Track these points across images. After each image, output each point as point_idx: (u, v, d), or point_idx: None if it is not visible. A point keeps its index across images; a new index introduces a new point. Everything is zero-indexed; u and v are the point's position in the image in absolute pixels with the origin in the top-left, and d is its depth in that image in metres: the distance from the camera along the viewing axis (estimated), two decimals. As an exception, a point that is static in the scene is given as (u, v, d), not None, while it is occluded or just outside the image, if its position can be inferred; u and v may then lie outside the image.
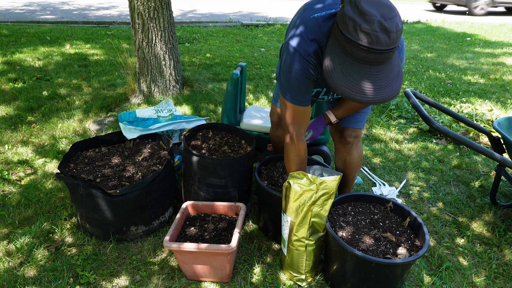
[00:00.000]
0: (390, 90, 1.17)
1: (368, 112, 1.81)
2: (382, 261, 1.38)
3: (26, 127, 2.98)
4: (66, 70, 4.47)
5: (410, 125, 3.39)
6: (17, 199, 2.14)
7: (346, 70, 1.18)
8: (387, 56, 1.14)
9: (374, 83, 1.16)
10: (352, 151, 1.84)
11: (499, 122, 2.09)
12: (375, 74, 1.16)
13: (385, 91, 1.17)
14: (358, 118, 1.78)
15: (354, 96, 1.18)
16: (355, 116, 1.78)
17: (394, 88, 1.18)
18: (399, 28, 1.11)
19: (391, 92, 1.17)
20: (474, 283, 1.72)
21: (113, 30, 7.11)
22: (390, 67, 1.18)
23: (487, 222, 2.13)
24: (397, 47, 1.15)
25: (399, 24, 1.12)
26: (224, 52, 5.83)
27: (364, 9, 1.11)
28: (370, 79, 1.16)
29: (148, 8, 3.24)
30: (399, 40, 1.13)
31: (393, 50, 1.13)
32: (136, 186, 1.76)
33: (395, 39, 1.11)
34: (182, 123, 2.33)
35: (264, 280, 1.68)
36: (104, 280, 1.64)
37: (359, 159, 1.88)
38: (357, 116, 1.78)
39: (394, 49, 1.14)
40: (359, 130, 1.81)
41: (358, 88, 1.17)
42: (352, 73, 1.17)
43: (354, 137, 1.80)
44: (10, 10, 9.28)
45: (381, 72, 1.16)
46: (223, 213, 1.89)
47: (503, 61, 5.96)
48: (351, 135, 1.80)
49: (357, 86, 1.17)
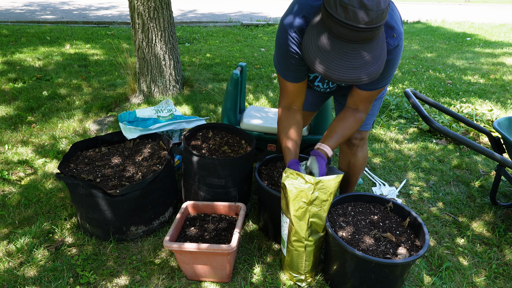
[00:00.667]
0: (364, 72, 1.13)
1: (375, 114, 1.78)
2: (382, 261, 1.38)
3: (26, 127, 2.98)
4: (66, 70, 4.47)
5: (410, 125, 3.39)
6: (17, 199, 2.14)
7: (322, 44, 1.14)
8: (366, 36, 1.09)
9: (348, 61, 1.12)
10: (358, 153, 1.82)
11: (499, 122, 2.09)
12: (351, 52, 1.11)
13: (358, 72, 1.12)
14: (365, 121, 1.74)
15: (323, 71, 1.14)
16: None
17: (369, 71, 1.13)
18: (381, 7, 1.06)
19: (365, 74, 1.13)
20: (474, 283, 1.72)
21: (113, 30, 7.11)
22: (370, 48, 1.12)
23: (487, 222, 2.13)
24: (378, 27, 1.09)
25: (381, 3, 1.06)
26: (224, 52, 5.83)
27: None
28: (344, 57, 1.12)
29: (148, 8, 3.24)
30: (380, 21, 1.08)
31: (372, 30, 1.08)
32: (136, 186, 1.76)
33: (374, 18, 1.06)
34: (182, 123, 2.33)
35: (264, 280, 1.68)
36: (104, 280, 1.64)
37: (364, 161, 1.86)
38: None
39: (374, 29, 1.09)
40: (365, 132, 1.78)
41: (330, 63, 1.13)
42: (327, 47, 1.13)
43: (360, 139, 1.78)
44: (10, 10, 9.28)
45: (358, 52, 1.11)
46: (223, 213, 1.89)
47: (503, 61, 5.96)
48: (356, 137, 1.78)
49: (329, 61, 1.13)
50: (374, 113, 1.78)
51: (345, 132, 1.55)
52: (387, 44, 1.28)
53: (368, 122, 1.77)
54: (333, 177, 1.47)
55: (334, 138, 1.54)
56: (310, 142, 2.42)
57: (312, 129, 2.42)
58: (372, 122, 1.80)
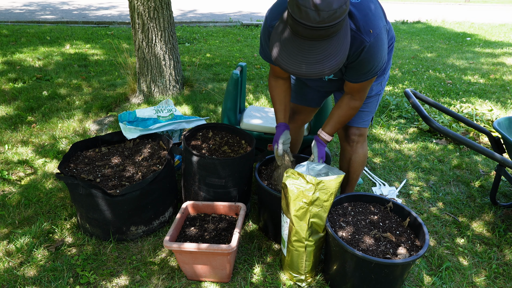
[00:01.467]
0: (320, 67, 1.21)
1: (372, 111, 1.82)
2: (382, 261, 1.38)
3: (26, 127, 2.98)
4: (66, 70, 4.47)
5: (410, 125, 3.39)
6: (17, 199, 2.14)
7: (283, 40, 1.24)
8: (319, 34, 1.17)
9: (305, 57, 1.21)
10: (358, 149, 1.87)
11: (499, 122, 2.09)
12: (307, 49, 1.20)
13: (314, 67, 1.21)
14: (362, 117, 1.80)
15: (282, 65, 1.24)
16: (360, 115, 1.80)
17: (326, 66, 1.21)
18: (332, 7, 1.12)
19: (320, 69, 1.21)
20: (474, 283, 1.72)
21: (113, 30, 7.11)
22: (326, 45, 1.20)
23: (487, 222, 2.13)
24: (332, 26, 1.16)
25: (333, 4, 1.13)
26: (224, 52, 5.83)
27: None
28: (302, 53, 1.21)
29: (148, 8, 3.24)
30: (333, 20, 1.14)
31: (325, 28, 1.15)
32: (136, 186, 1.76)
33: (325, 18, 1.13)
34: (182, 123, 2.33)
35: (264, 280, 1.68)
36: (104, 280, 1.64)
37: (364, 158, 1.90)
38: (361, 115, 1.80)
39: (328, 28, 1.15)
40: (363, 128, 1.83)
41: (288, 58, 1.23)
42: (287, 44, 1.23)
43: (359, 135, 1.83)
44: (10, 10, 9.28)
45: (314, 48, 1.20)
46: (223, 213, 1.89)
47: (503, 61, 5.97)
48: (355, 133, 1.83)
49: (288, 56, 1.23)
50: (372, 110, 1.81)
51: (340, 118, 1.68)
52: (363, 40, 1.34)
53: (365, 119, 1.81)
54: (333, 177, 1.47)
55: (331, 124, 1.70)
56: (310, 142, 2.42)
57: (312, 129, 2.42)
58: (370, 119, 1.84)
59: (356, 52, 1.38)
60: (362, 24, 1.34)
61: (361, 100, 1.63)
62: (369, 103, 1.79)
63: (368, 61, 1.41)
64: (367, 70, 1.45)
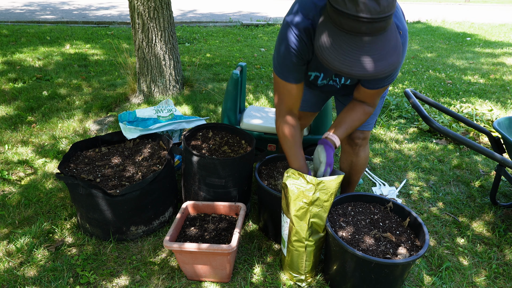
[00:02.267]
0: (385, 64, 1.08)
1: (377, 113, 1.78)
2: (382, 261, 1.38)
3: (26, 127, 2.98)
4: (66, 70, 4.47)
5: (410, 125, 3.39)
6: (17, 199, 2.14)
7: (336, 42, 1.10)
8: (380, 26, 1.05)
9: (366, 56, 1.07)
10: (360, 152, 1.82)
11: (499, 122, 2.09)
12: (368, 46, 1.07)
13: (379, 64, 1.08)
14: (368, 120, 1.75)
15: (345, 70, 1.10)
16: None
17: (390, 62, 1.09)
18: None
19: (386, 66, 1.08)
20: (474, 283, 1.72)
21: (113, 30, 7.11)
22: (386, 39, 1.08)
23: (487, 222, 2.13)
24: (390, 16, 1.05)
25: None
26: (224, 52, 5.83)
27: None
28: (362, 51, 1.07)
29: (148, 8, 3.24)
30: (392, 9, 1.04)
31: (385, 19, 1.04)
32: (136, 186, 1.76)
33: (385, 7, 1.02)
34: (182, 123, 2.33)
35: (264, 280, 1.68)
36: (104, 280, 1.64)
37: (365, 160, 1.87)
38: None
39: (387, 18, 1.05)
40: (367, 132, 1.78)
41: (349, 60, 1.09)
42: (342, 45, 1.09)
43: (363, 138, 1.79)
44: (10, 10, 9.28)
45: (374, 44, 1.07)
46: (223, 213, 1.89)
47: (503, 61, 5.97)
48: (359, 137, 1.78)
49: (348, 58, 1.09)
50: (376, 112, 1.78)
51: (353, 123, 1.54)
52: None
53: (370, 122, 1.77)
54: (334, 177, 1.47)
55: (343, 128, 1.52)
56: (310, 142, 2.42)
57: (312, 129, 2.42)
58: (374, 122, 1.80)
59: None
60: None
61: (374, 106, 1.56)
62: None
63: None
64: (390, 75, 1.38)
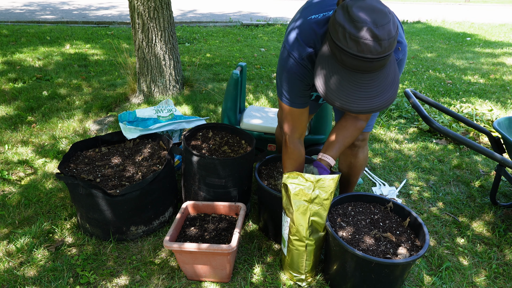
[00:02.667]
0: (382, 100, 1.12)
1: (376, 114, 1.77)
2: (382, 261, 1.38)
3: (26, 127, 2.98)
4: (66, 70, 4.47)
5: (410, 125, 3.39)
6: (17, 199, 2.14)
7: (336, 78, 1.12)
8: (380, 64, 1.08)
9: (365, 92, 1.11)
10: (358, 154, 1.83)
11: (499, 122, 2.09)
12: (366, 82, 1.10)
13: (377, 100, 1.12)
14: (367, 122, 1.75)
15: (343, 106, 1.13)
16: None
17: (387, 97, 1.12)
18: (392, 35, 1.06)
19: (384, 101, 1.12)
20: (474, 283, 1.72)
21: (113, 30, 7.11)
22: (384, 75, 1.12)
23: (487, 222, 2.13)
24: (391, 53, 1.09)
25: (392, 31, 1.05)
26: (224, 52, 5.83)
27: (355, 15, 1.05)
28: (361, 88, 1.11)
29: (148, 8, 3.24)
30: (392, 48, 1.08)
31: (386, 58, 1.08)
32: (136, 186, 1.76)
33: (386, 47, 1.06)
34: (182, 123, 2.33)
35: (264, 280, 1.68)
36: (104, 280, 1.64)
37: (364, 161, 1.87)
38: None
39: (387, 57, 1.08)
40: (366, 133, 1.78)
41: (348, 97, 1.12)
42: (342, 81, 1.12)
43: (362, 140, 1.79)
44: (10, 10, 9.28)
45: (374, 81, 1.11)
46: (223, 213, 1.89)
47: (503, 61, 5.97)
48: (358, 139, 1.78)
49: (347, 94, 1.12)
50: (376, 114, 1.78)
51: (346, 140, 1.54)
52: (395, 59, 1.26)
53: (370, 123, 1.76)
54: (332, 176, 1.47)
55: (336, 148, 1.54)
56: (310, 142, 2.42)
57: (312, 129, 2.42)
58: (373, 123, 1.80)
59: None
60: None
61: (366, 119, 1.55)
62: None
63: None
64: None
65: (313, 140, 2.42)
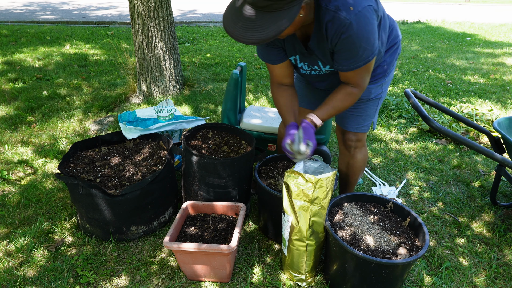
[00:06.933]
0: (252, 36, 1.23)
1: (371, 115, 1.77)
2: (382, 261, 1.38)
3: (26, 127, 2.98)
4: (66, 70, 4.47)
5: (410, 125, 3.39)
6: (17, 199, 2.14)
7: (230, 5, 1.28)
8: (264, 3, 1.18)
9: (242, 22, 1.23)
10: (356, 154, 1.83)
11: (499, 122, 2.09)
12: (247, 14, 1.22)
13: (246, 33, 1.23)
14: (360, 122, 1.76)
15: (223, 25, 1.28)
16: (357, 120, 1.75)
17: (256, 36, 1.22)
18: None
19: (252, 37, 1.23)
20: (474, 283, 1.72)
21: (113, 30, 7.12)
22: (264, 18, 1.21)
23: (487, 222, 2.13)
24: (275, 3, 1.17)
25: None
26: (224, 52, 5.83)
27: None
28: (239, 17, 1.23)
29: (148, 8, 3.24)
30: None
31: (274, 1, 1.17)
32: (136, 186, 1.76)
33: None
34: (182, 123, 2.33)
35: (264, 280, 1.68)
36: (104, 280, 1.64)
37: (362, 162, 1.87)
38: (358, 120, 1.75)
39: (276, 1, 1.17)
40: (361, 134, 1.78)
41: (228, 21, 1.26)
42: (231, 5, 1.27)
43: (356, 140, 1.79)
44: (10, 10, 9.28)
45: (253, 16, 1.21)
46: (223, 213, 1.89)
47: (503, 61, 5.97)
48: (351, 139, 1.79)
49: (230, 17, 1.26)
50: (370, 114, 1.76)
51: (336, 103, 1.55)
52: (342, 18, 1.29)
53: (363, 124, 1.76)
54: (328, 174, 1.47)
55: (324, 109, 1.57)
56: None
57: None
58: (369, 124, 1.79)
59: (337, 32, 1.32)
60: (341, 3, 1.29)
61: (359, 87, 1.51)
62: (366, 107, 1.73)
63: (352, 42, 1.33)
64: (354, 53, 1.37)
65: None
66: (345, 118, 1.79)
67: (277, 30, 1.22)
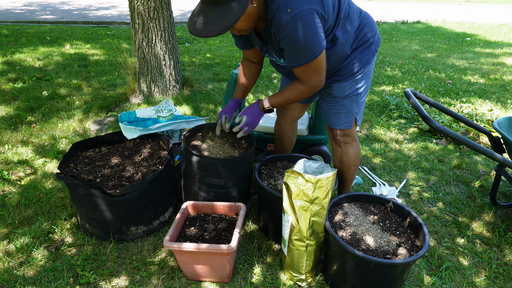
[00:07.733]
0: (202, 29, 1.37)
1: (352, 112, 1.79)
2: (382, 261, 1.38)
3: (26, 127, 2.98)
4: (66, 70, 4.47)
5: (410, 125, 3.39)
6: (17, 199, 2.14)
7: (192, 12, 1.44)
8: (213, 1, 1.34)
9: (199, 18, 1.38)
10: (348, 150, 1.87)
11: (499, 122, 2.09)
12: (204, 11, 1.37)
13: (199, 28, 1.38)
14: (342, 118, 1.80)
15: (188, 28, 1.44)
16: (338, 116, 1.80)
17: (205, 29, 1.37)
18: None
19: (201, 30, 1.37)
20: (474, 283, 1.71)
21: (113, 30, 7.12)
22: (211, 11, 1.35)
23: (487, 222, 2.13)
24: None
25: None
26: (224, 52, 5.83)
27: None
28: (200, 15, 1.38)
29: (148, 8, 3.24)
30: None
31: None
32: (136, 186, 1.76)
33: None
34: (182, 123, 2.33)
35: (264, 280, 1.68)
36: (104, 280, 1.64)
37: (355, 157, 1.90)
38: (339, 116, 1.80)
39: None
40: (347, 130, 1.83)
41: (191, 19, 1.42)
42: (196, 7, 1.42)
43: (343, 136, 1.84)
44: (10, 10, 9.28)
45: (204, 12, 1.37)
46: (223, 213, 1.89)
47: (503, 61, 5.97)
48: (339, 134, 1.84)
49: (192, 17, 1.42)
50: (350, 111, 1.78)
51: (285, 94, 1.71)
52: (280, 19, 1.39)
53: (345, 120, 1.80)
54: (328, 174, 1.47)
55: (276, 96, 1.74)
56: (310, 142, 2.43)
57: (312, 129, 2.42)
58: (351, 120, 1.80)
59: (277, 31, 1.44)
60: (282, 4, 1.39)
61: (307, 84, 1.61)
62: (345, 104, 1.76)
63: (291, 42, 1.43)
64: (294, 52, 1.47)
65: (313, 140, 2.42)
66: (328, 115, 1.85)
67: (231, 20, 1.35)
